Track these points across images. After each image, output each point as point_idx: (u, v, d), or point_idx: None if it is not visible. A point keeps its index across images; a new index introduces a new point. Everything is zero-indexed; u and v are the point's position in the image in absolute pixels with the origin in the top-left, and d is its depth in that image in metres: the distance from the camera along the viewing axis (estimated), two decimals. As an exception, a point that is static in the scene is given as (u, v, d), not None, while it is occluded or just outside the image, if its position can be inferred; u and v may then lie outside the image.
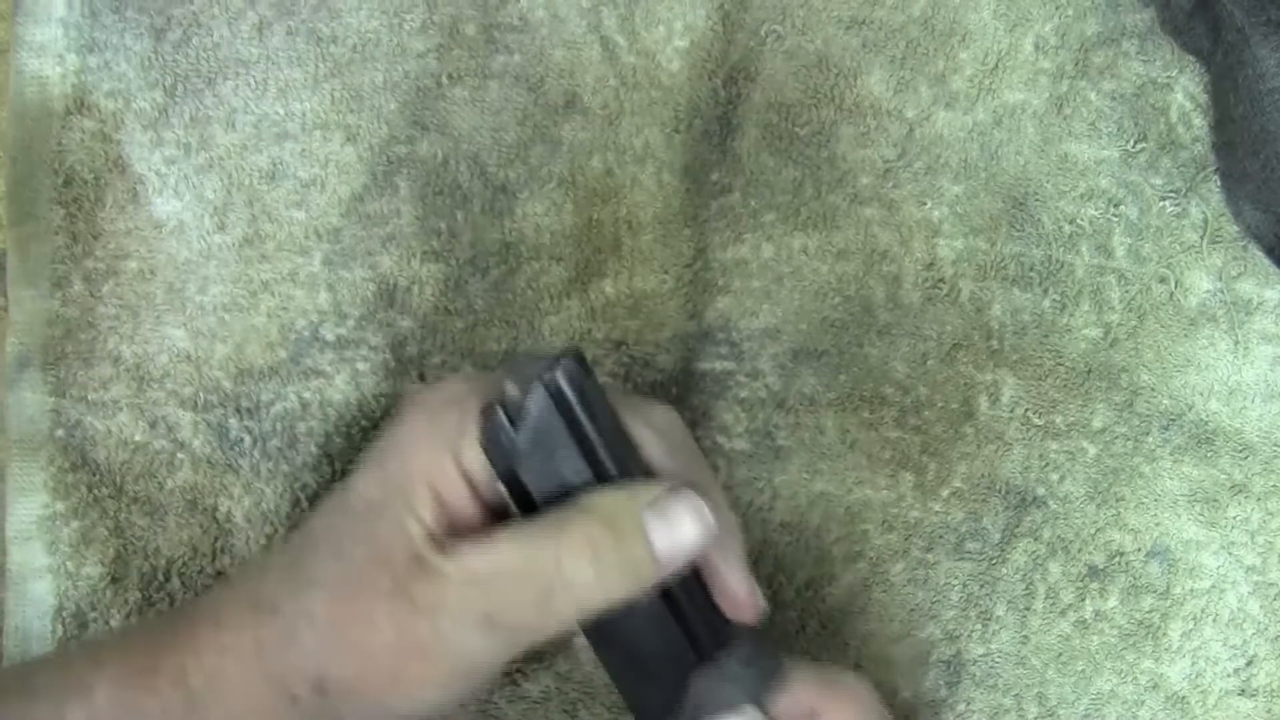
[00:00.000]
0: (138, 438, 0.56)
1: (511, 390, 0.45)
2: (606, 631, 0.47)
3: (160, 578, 0.56)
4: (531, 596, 0.43)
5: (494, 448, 0.45)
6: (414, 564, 0.44)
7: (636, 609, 0.46)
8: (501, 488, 0.45)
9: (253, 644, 0.44)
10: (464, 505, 0.45)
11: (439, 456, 0.45)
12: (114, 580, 0.56)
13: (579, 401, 0.45)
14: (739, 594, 0.48)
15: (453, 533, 0.45)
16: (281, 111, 0.57)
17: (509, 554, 0.44)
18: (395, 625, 0.43)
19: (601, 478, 0.45)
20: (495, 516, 0.46)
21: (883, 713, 0.49)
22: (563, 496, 0.45)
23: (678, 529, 0.45)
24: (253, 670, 0.44)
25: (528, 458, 0.45)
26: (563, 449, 0.45)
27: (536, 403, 0.44)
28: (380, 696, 0.44)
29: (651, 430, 0.48)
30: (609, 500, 0.45)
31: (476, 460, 0.45)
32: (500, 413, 0.45)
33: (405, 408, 0.47)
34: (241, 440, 0.57)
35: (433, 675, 0.44)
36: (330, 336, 0.57)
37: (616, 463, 0.46)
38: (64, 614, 0.56)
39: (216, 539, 0.56)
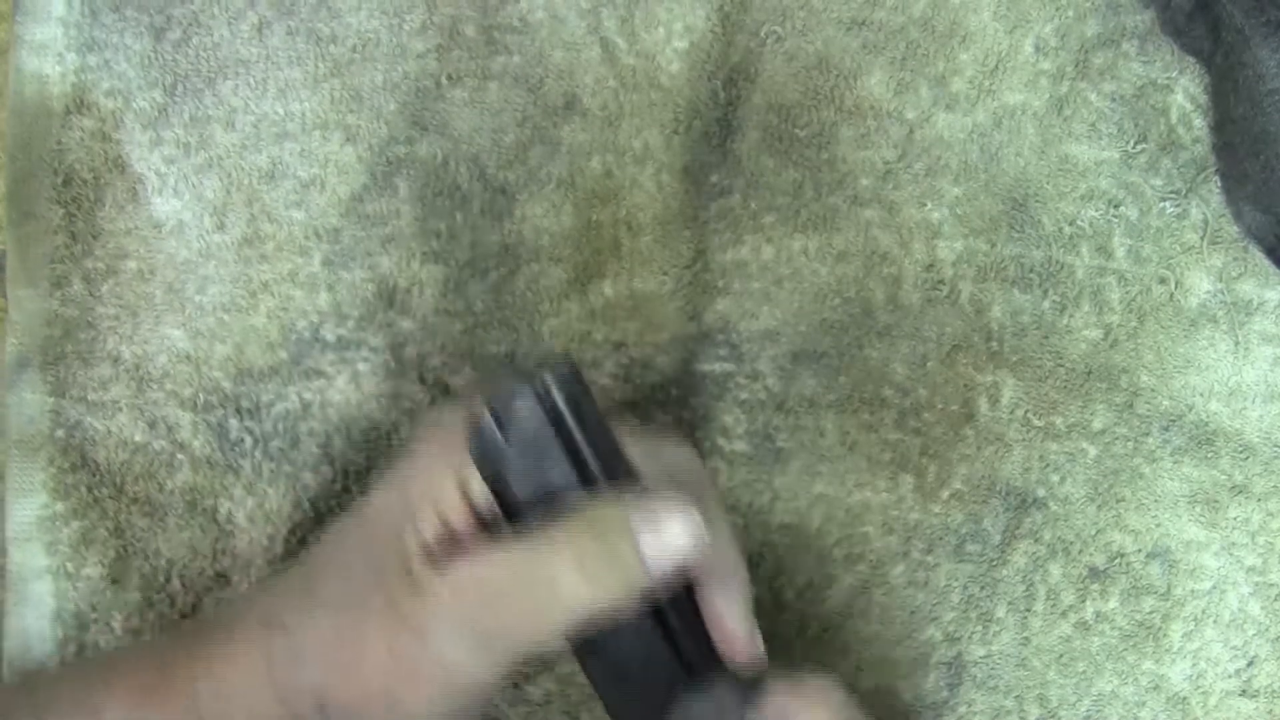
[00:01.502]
0: (137, 438, 0.56)
1: (501, 396, 0.45)
2: (594, 645, 0.46)
3: (160, 579, 0.56)
4: (519, 607, 0.43)
5: (481, 452, 0.44)
6: (405, 580, 0.43)
7: (625, 624, 0.45)
8: (488, 492, 0.45)
9: (263, 661, 0.44)
10: (465, 526, 0.45)
11: (443, 477, 0.45)
12: (114, 581, 0.56)
13: (569, 408, 0.44)
14: (738, 637, 0.47)
15: (450, 552, 0.44)
16: (281, 111, 0.57)
17: (496, 565, 0.43)
18: (387, 644, 0.43)
19: (589, 485, 0.45)
20: None
21: (854, 711, 0.48)
22: (549, 503, 0.44)
23: (667, 536, 0.44)
24: (263, 688, 0.44)
25: (515, 463, 0.44)
26: (551, 456, 0.44)
27: (525, 408, 0.44)
28: (376, 717, 0.44)
29: (653, 460, 0.47)
30: (597, 507, 0.44)
31: (479, 482, 0.45)
32: (488, 417, 0.44)
33: (421, 426, 0.47)
34: (242, 441, 0.56)
35: (425, 693, 0.43)
36: (331, 337, 0.57)
37: (605, 470, 0.45)
38: (63, 615, 0.56)
39: (216, 540, 0.56)
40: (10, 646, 0.56)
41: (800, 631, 0.57)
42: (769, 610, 0.57)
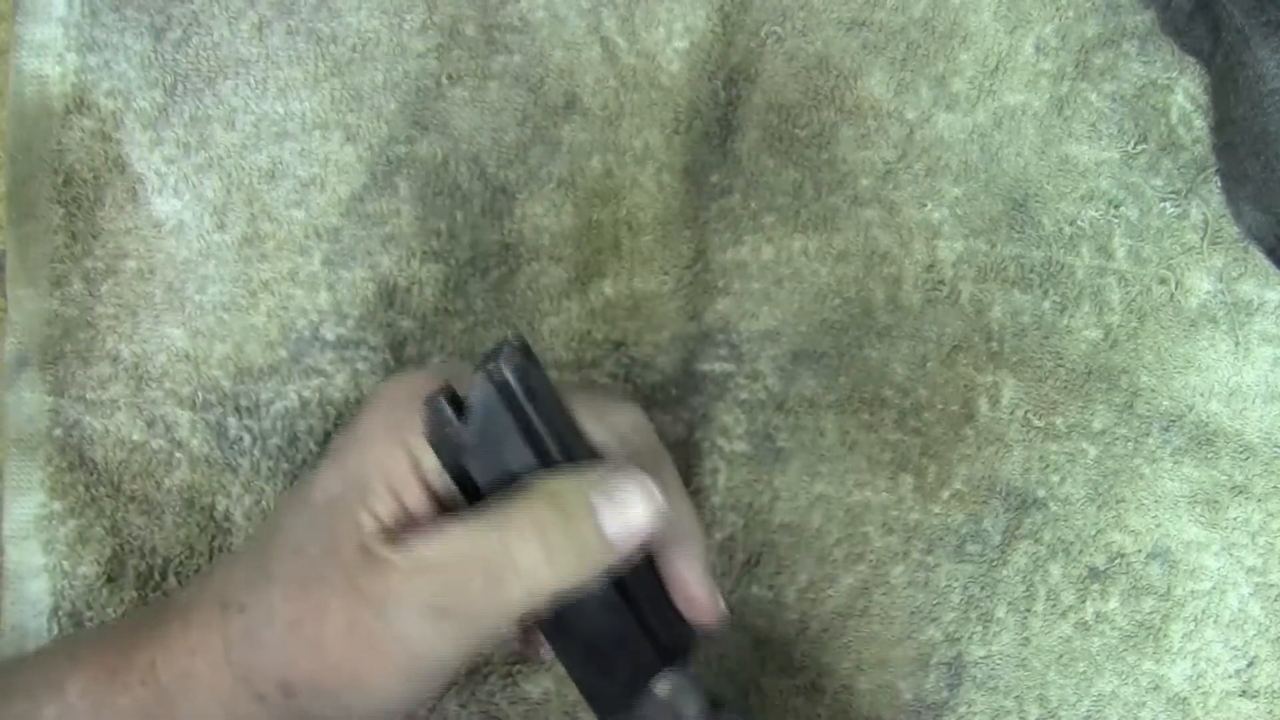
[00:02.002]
0: (135, 437, 0.56)
1: (456, 382, 0.44)
2: (562, 623, 0.46)
3: (157, 577, 0.56)
4: (480, 582, 0.42)
5: (439, 440, 0.44)
6: (363, 557, 0.43)
7: (591, 600, 0.45)
8: (449, 480, 0.45)
9: (220, 643, 0.44)
10: (419, 503, 0.44)
11: (394, 452, 0.44)
12: (110, 579, 0.56)
13: (523, 390, 0.43)
14: (698, 596, 0.47)
15: (408, 529, 0.44)
16: (281, 111, 0.57)
17: (456, 540, 0.43)
18: (346, 620, 0.42)
19: (548, 465, 0.44)
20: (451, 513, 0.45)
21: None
22: (509, 486, 0.44)
23: (627, 510, 0.43)
24: (222, 670, 0.44)
25: (474, 449, 0.44)
26: (509, 439, 0.43)
27: (480, 393, 0.43)
28: (338, 695, 0.43)
29: (606, 429, 0.47)
30: (556, 482, 0.43)
31: (431, 457, 0.44)
32: (444, 404, 0.43)
33: (368, 402, 0.47)
34: (241, 439, 0.56)
35: (386, 670, 0.43)
36: (330, 336, 0.57)
37: (563, 450, 0.44)
38: (60, 613, 0.56)
39: (214, 538, 0.56)
40: (7, 644, 0.56)
41: (800, 631, 0.57)
42: (769, 610, 0.57)
